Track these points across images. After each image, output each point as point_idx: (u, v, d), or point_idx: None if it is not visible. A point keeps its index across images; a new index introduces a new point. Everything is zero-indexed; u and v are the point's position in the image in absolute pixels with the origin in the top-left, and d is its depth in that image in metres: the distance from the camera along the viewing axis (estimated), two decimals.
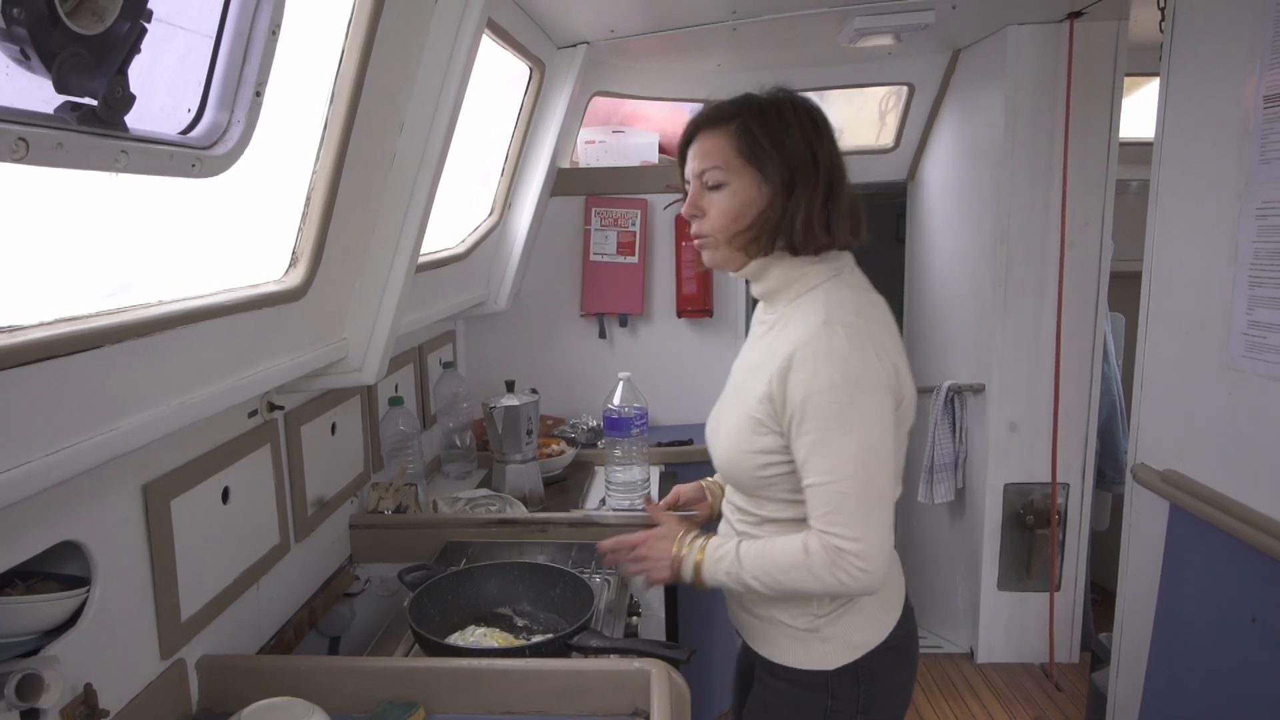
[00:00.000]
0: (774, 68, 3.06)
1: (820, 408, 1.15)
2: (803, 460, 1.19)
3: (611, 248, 2.91)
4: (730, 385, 1.39)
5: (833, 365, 1.15)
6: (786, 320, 1.27)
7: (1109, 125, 2.71)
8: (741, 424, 1.26)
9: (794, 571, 1.19)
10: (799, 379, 1.17)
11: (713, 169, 1.25)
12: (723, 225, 1.26)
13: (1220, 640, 1.71)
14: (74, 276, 1.03)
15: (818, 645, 1.29)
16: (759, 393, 1.22)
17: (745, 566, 1.24)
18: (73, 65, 0.74)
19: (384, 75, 1.39)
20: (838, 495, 1.16)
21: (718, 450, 1.35)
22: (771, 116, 1.24)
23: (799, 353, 1.17)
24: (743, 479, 1.30)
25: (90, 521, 1.06)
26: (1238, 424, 1.67)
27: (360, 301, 1.58)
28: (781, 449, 1.22)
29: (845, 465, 1.15)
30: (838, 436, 1.15)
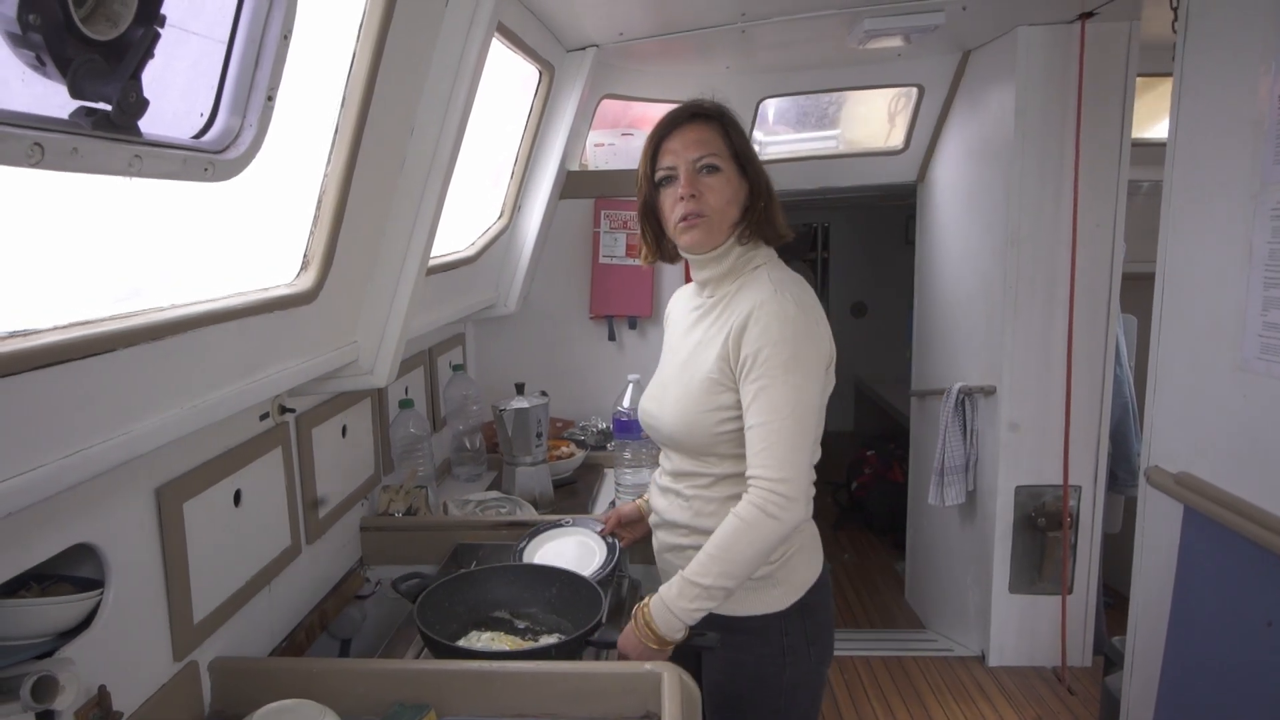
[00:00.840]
0: (783, 69, 3.06)
1: (769, 359, 1.32)
2: (748, 407, 1.34)
3: (621, 250, 2.91)
4: (670, 364, 1.54)
5: (783, 324, 1.33)
6: (729, 299, 1.43)
7: (1120, 126, 2.69)
8: (694, 389, 1.41)
9: (738, 539, 1.30)
10: (753, 334, 1.33)
11: (710, 155, 1.42)
12: (721, 207, 1.42)
13: (1236, 644, 1.69)
14: (87, 280, 1.04)
15: (770, 590, 1.43)
16: (714, 355, 1.39)
17: (701, 577, 1.31)
18: (87, 71, 0.75)
19: (395, 79, 1.40)
20: (772, 433, 1.30)
21: (666, 420, 1.47)
22: (737, 124, 1.48)
23: (755, 313, 1.34)
24: (700, 439, 1.42)
25: (104, 524, 1.07)
26: (1252, 426, 1.66)
27: (371, 305, 1.59)
28: (737, 405, 1.37)
29: (782, 408, 1.31)
30: (780, 383, 1.31)
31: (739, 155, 1.43)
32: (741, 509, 1.31)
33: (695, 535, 1.44)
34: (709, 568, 1.31)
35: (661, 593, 1.35)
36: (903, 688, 2.95)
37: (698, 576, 1.31)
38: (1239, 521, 1.65)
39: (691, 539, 1.45)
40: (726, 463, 1.42)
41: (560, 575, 1.59)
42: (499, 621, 1.54)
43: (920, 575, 3.68)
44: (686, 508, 1.47)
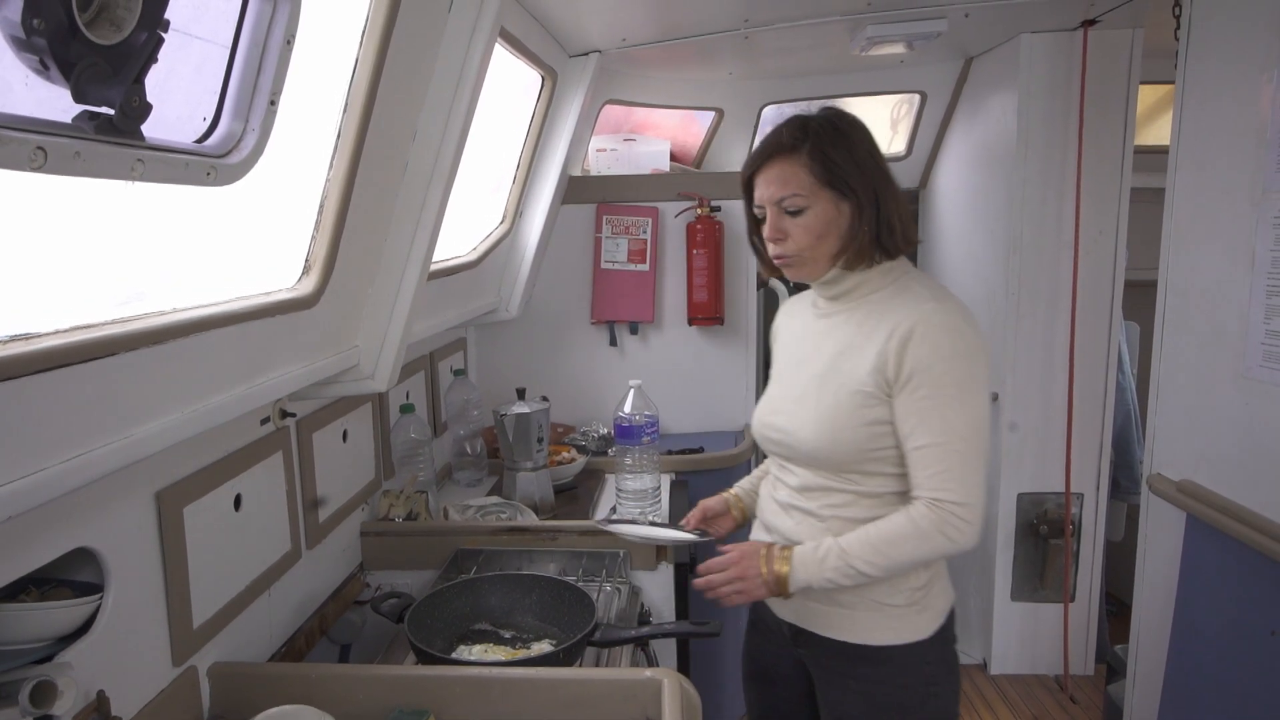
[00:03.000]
0: (786, 76, 3.06)
1: (941, 375, 1.25)
2: (913, 423, 1.27)
3: (622, 255, 2.91)
4: (802, 375, 1.42)
5: (954, 338, 1.26)
6: (873, 307, 1.35)
7: (1123, 133, 2.69)
8: (844, 402, 1.32)
9: (904, 543, 1.26)
10: (921, 349, 1.25)
11: (792, 196, 1.32)
12: (808, 244, 1.34)
13: (1239, 653, 1.69)
14: (88, 284, 1.04)
15: (914, 617, 1.36)
16: (866, 367, 1.30)
17: (853, 554, 1.27)
18: (91, 75, 0.75)
19: (397, 84, 1.40)
20: (951, 454, 1.25)
21: (805, 435, 1.37)
22: (837, 136, 1.32)
23: (919, 326, 1.26)
24: (847, 455, 1.33)
25: (104, 528, 1.06)
26: (1255, 434, 1.66)
27: (372, 309, 1.59)
28: (889, 419, 1.30)
29: (959, 428, 1.25)
30: (954, 402, 1.25)
31: (833, 181, 1.31)
32: (919, 516, 1.26)
33: None
34: (865, 553, 1.27)
35: (806, 552, 1.31)
36: None
37: (854, 555, 1.27)
38: (1242, 530, 1.64)
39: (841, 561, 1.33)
40: (871, 480, 1.34)
41: (539, 581, 1.59)
42: (484, 634, 1.54)
43: None
44: (821, 528, 1.37)
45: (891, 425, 1.30)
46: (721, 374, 2.97)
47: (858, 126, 1.36)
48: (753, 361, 3.00)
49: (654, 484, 2.15)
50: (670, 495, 2.30)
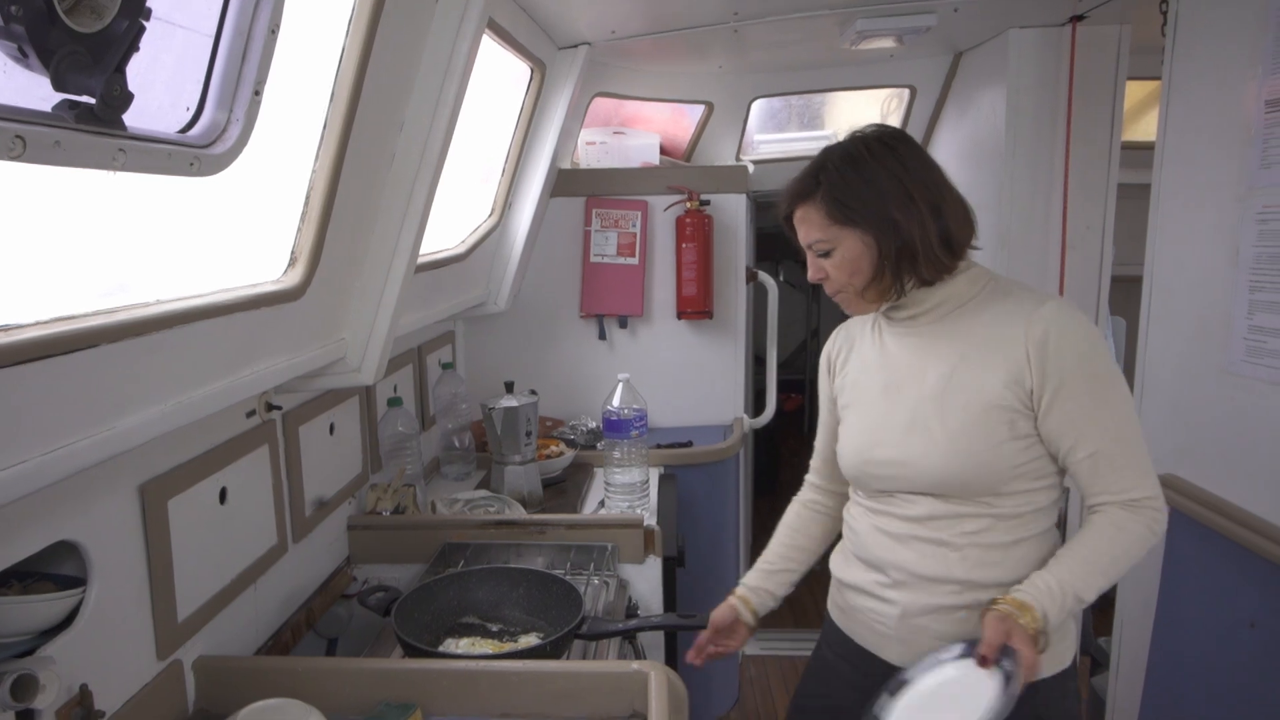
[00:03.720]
0: (775, 70, 3.06)
1: (1091, 375, 1.20)
2: (1078, 430, 1.19)
3: (612, 249, 2.91)
4: (909, 396, 1.29)
5: (1087, 333, 1.22)
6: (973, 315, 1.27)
7: (1110, 128, 2.70)
8: (976, 420, 1.22)
9: (1126, 556, 1.19)
10: (1064, 353, 1.19)
11: (817, 241, 1.28)
12: (845, 281, 1.29)
13: (1219, 645, 1.70)
14: (71, 275, 1.03)
15: (1060, 644, 1.26)
16: (998, 380, 1.21)
17: (1086, 588, 1.17)
18: (71, 63, 0.74)
19: (384, 74, 1.39)
20: (1127, 452, 1.20)
21: (935, 463, 1.24)
22: (849, 171, 1.25)
23: (1053, 328, 1.20)
24: (989, 477, 1.22)
25: (87, 521, 1.06)
26: (1238, 429, 1.67)
27: (359, 302, 1.58)
28: (1035, 431, 1.23)
29: (1123, 423, 1.21)
30: (1112, 398, 1.21)
31: (849, 219, 1.24)
32: (1126, 523, 1.18)
33: (973, 591, 1.23)
34: (1093, 581, 1.17)
35: (1038, 601, 1.14)
36: None
37: (1084, 590, 1.16)
38: (1223, 524, 1.66)
39: (966, 596, 1.23)
40: (1009, 500, 1.23)
41: (527, 575, 1.59)
42: (471, 627, 1.54)
43: None
44: (960, 560, 1.24)
45: (1034, 438, 1.22)
46: (710, 368, 2.98)
47: (883, 150, 1.25)
48: (741, 355, 3.00)
49: (642, 478, 2.16)
50: (659, 489, 2.30)
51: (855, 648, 1.39)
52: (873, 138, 1.27)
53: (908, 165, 1.24)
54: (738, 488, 3.03)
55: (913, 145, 1.29)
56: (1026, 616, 1.12)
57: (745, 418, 3.01)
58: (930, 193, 1.24)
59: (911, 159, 1.26)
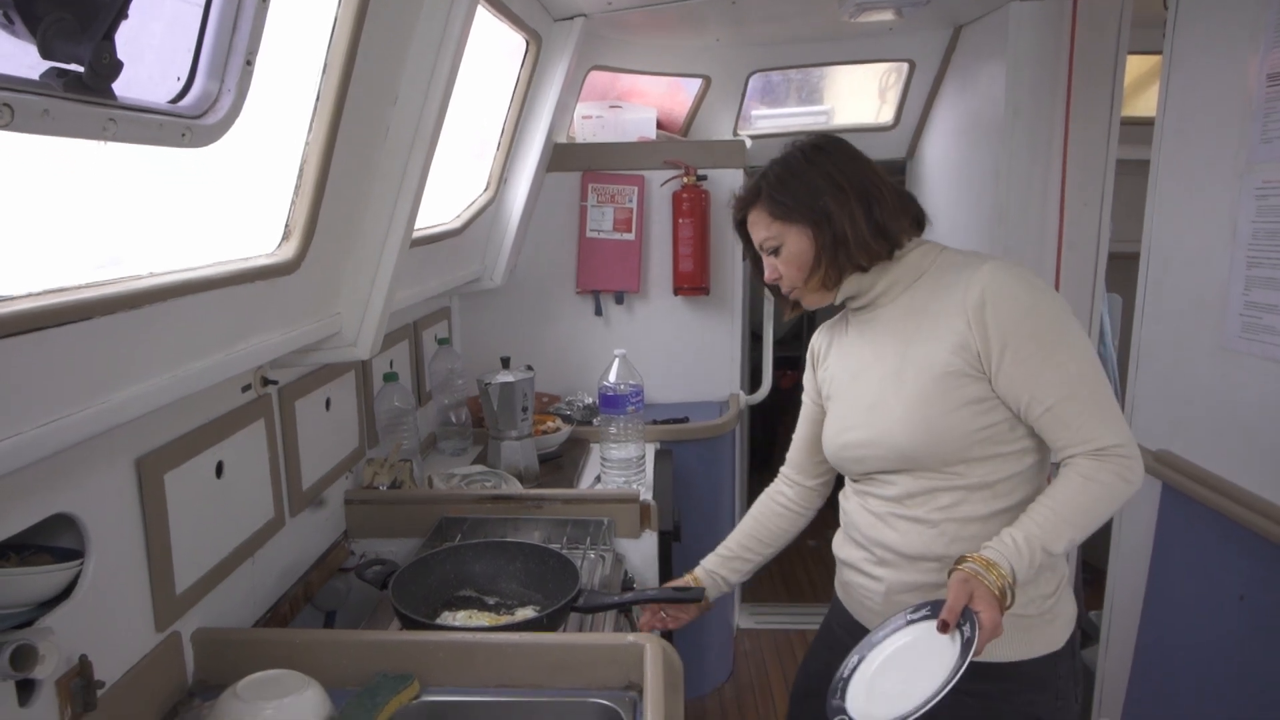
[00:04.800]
0: (773, 43, 3.03)
1: (1035, 327, 1.19)
2: (1030, 388, 1.19)
3: (608, 224, 2.89)
4: (867, 385, 1.34)
5: (1026, 287, 1.22)
6: (924, 293, 1.31)
7: (1110, 104, 2.69)
8: (933, 391, 1.24)
9: (1099, 507, 1.17)
10: (1001, 310, 1.20)
11: (765, 240, 1.36)
12: (795, 277, 1.35)
13: (1209, 618, 1.72)
14: (64, 247, 1.02)
15: (1045, 628, 1.27)
16: (946, 346, 1.23)
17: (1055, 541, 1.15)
18: (58, 30, 0.73)
19: (377, 45, 1.37)
20: (1084, 401, 1.18)
21: (896, 438, 1.27)
22: (784, 175, 1.34)
23: (988, 289, 1.21)
24: (953, 444, 1.24)
25: (83, 495, 1.06)
26: (1232, 404, 1.68)
27: (354, 276, 1.57)
28: (989, 394, 1.22)
29: (1077, 372, 1.19)
30: (1060, 348, 1.19)
31: (788, 215, 1.31)
32: (1094, 472, 1.16)
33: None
34: (1062, 533, 1.15)
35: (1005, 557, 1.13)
36: None
37: (1051, 543, 1.14)
38: (1215, 498, 1.67)
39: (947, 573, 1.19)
40: (979, 468, 1.24)
41: (523, 549, 1.60)
42: (468, 600, 1.55)
43: None
44: (938, 535, 1.26)
45: (993, 401, 1.22)
46: (707, 343, 2.98)
47: (815, 152, 1.33)
48: (738, 331, 3.00)
49: (638, 453, 2.17)
50: (655, 464, 2.31)
51: (853, 621, 1.43)
52: (806, 143, 1.36)
53: (838, 164, 1.32)
54: (733, 463, 3.05)
55: (844, 146, 1.36)
56: (993, 574, 1.13)
57: (741, 394, 3.02)
58: (860, 186, 1.30)
59: (842, 158, 1.33)
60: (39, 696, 0.97)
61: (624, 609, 1.63)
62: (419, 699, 1.22)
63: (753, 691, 2.98)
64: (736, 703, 2.88)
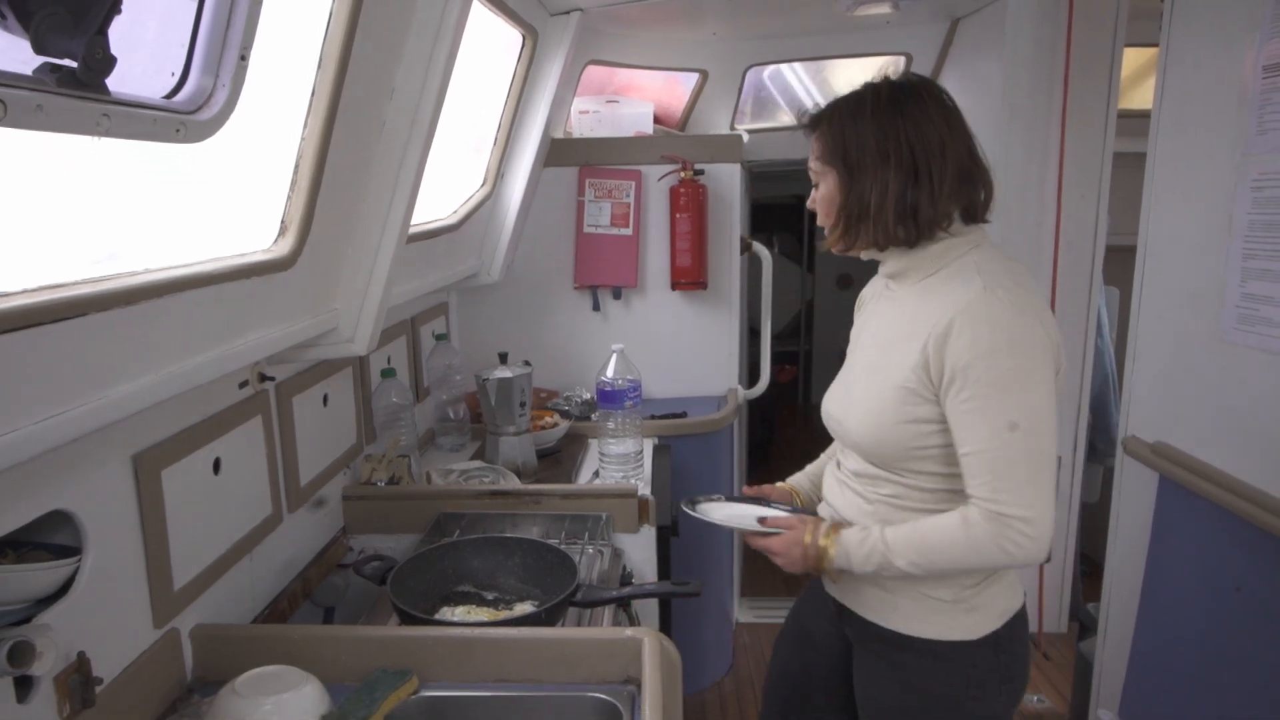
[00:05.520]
0: (771, 37, 3.02)
1: (982, 375, 1.14)
2: (960, 428, 1.17)
3: (605, 219, 2.89)
4: (858, 362, 1.37)
5: (995, 330, 1.15)
6: (928, 290, 1.26)
7: (1107, 97, 2.69)
8: (888, 396, 1.24)
9: (953, 550, 1.18)
10: (959, 344, 1.15)
11: (811, 170, 1.32)
12: (823, 218, 1.33)
13: (1206, 609, 1.73)
14: (60, 244, 1.02)
15: (962, 616, 1.28)
16: (910, 362, 1.21)
17: (896, 552, 1.22)
18: (51, 25, 0.72)
19: (373, 40, 1.37)
20: (1001, 462, 1.14)
21: (852, 427, 1.32)
22: (846, 114, 1.26)
23: (959, 318, 1.16)
24: (890, 452, 1.26)
25: (80, 491, 1.06)
26: (1228, 396, 1.68)
27: (351, 271, 1.57)
28: (939, 417, 1.21)
29: (1006, 432, 1.14)
30: (997, 403, 1.14)
31: (833, 158, 1.26)
32: (975, 526, 1.16)
33: None
34: (909, 553, 1.21)
35: (852, 538, 1.26)
36: None
37: (894, 552, 1.21)
38: (1212, 490, 1.68)
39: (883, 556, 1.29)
40: (920, 478, 1.27)
41: (521, 544, 1.60)
42: (466, 595, 1.55)
43: None
44: (870, 513, 1.32)
45: (941, 424, 1.21)
46: (705, 339, 2.97)
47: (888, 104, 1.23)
48: (736, 326, 3.00)
49: (636, 448, 2.17)
50: (653, 459, 2.31)
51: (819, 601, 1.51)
52: (885, 89, 1.25)
53: (906, 122, 1.22)
54: (731, 458, 3.05)
55: (925, 106, 1.24)
56: (824, 562, 1.28)
57: (739, 389, 3.02)
58: (913, 157, 1.21)
59: (914, 116, 1.22)
60: (37, 693, 0.97)
61: (623, 604, 1.63)
62: (418, 694, 1.22)
63: (751, 686, 2.99)
64: (735, 696, 2.89)
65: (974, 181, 1.26)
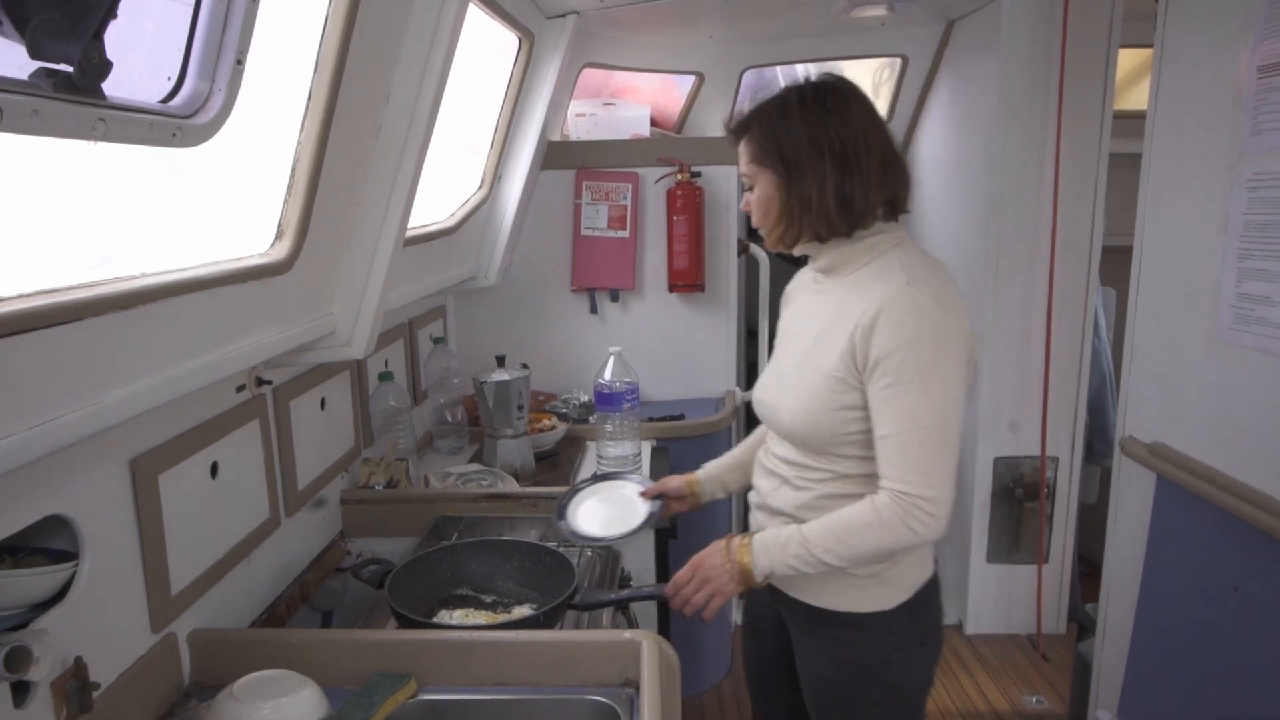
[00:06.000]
0: (766, 39, 3.03)
1: (903, 361, 1.22)
2: (879, 412, 1.25)
3: (603, 222, 2.89)
4: (789, 352, 1.44)
5: (918, 320, 1.22)
6: (855, 283, 1.33)
7: (1103, 97, 2.69)
8: (818, 385, 1.31)
9: (866, 532, 1.25)
10: (884, 334, 1.23)
11: (743, 175, 1.38)
12: (758, 219, 1.38)
13: (1204, 610, 1.73)
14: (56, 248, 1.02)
15: (876, 588, 1.37)
16: (838, 351, 1.28)
17: (814, 543, 1.28)
18: (47, 30, 0.72)
19: (369, 43, 1.37)
20: (913, 444, 1.23)
21: (784, 414, 1.39)
22: (774, 115, 1.32)
23: (885, 310, 1.23)
24: (821, 438, 1.34)
25: (77, 496, 1.06)
26: (1225, 396, 1.68)
27: (348, 275, 1.57)
28: (863, 404, 1.28)
29: (922, 416, 1.22)
30: (917, 389, 1.22)
31: (766, 159, 1.32)
32: (882, 506, 1.24)
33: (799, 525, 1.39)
34: (826, 541, 1.27)
35: (767, 538, 1.32)
36: None
37: (813, 544, 1.28)
38: (1210, 490, 1.68)
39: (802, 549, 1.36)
40: (847, 463, 1.34)
41: (519, 547, 1.60)
42: (464, 599, 1.55)
43: None
44: (795, 498, 1.40)
45: (863, 411, 1.29)
46: (702, 341, 2.98)
47: (813, 102, 1.30)
48: (733, 328, 3.01)
49: (634, 450, 2.17)
50: (651, 461, 2.31)
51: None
52: (809, 88, 1.33)
53: (828, 121, 1.29)
54: None
55: (846, 99, 1.31)
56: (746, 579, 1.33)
57: (737, 390, 3.02)
58: (843, 150, 1.28)
59: (838, 116, 1.29)
60: (34, 698, 0.97)
61: (621, 607, 1.63)
62: (416, 698, 1.22)
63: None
64: (734, 699, 2.89)
65: (895, 172, 1.34)
